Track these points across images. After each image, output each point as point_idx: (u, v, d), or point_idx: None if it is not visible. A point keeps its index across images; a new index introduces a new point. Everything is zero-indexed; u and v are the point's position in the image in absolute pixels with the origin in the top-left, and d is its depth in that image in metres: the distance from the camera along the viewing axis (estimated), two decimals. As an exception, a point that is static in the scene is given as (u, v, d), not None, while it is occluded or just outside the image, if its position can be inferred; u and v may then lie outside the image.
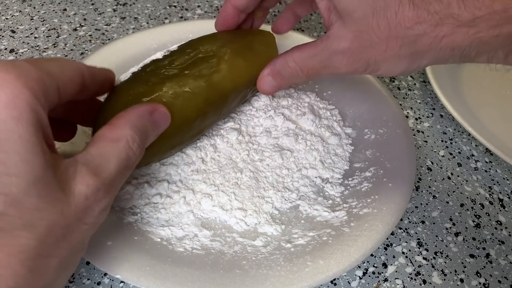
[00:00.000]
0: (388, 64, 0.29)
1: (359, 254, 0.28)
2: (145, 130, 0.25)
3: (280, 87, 0.34)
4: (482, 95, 0.49)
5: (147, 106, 0.27)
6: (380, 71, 0.30)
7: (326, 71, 0.31)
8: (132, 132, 0.24)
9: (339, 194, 0.35)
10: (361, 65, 0.29)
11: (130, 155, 0.24)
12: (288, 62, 0.32)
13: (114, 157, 0.23)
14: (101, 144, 0.23)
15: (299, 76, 0.32)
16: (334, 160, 0.37)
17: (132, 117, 0.25)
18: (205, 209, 0.32)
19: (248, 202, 0.33)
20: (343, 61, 0.30)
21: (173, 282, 0.26)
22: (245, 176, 0.34)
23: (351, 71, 0.30)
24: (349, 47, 0.29)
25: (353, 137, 0.40)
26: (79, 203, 0.21)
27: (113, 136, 0.23)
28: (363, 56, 0.29)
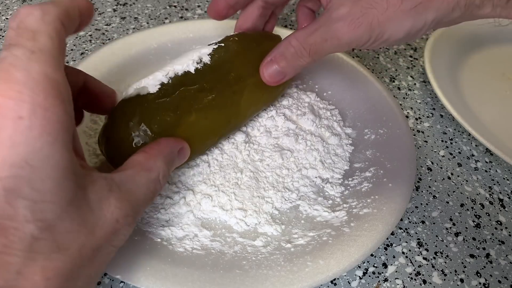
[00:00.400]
0: (392, 25, 0.28)
1: (359, 254, 0.28)
2: (173, 165, 0.27)
3: (284, 73, 0.33)
4: (482, 95, 0.49)
5: (178, 142, 0.28)
6: (385, 36, 0.28)
7: (329, 44, 0.30)
8: (165, 166, 0.25)
9: (339, 194, 0.35)
10: (364, 31, 0.28)
11: (157, 188, 0.25)
12: (291, 42, 0.32)
13: (144, 186, 0.24)
14: (136, 170, 0.24)
15: (302, 55, 0.31)
16: (334, 160, 0.37)
17: (166, 150, 0.26)
18: (205, 209, 0.32)
19: (248, 202, 0.33)
20: (343, 28, 0.29)
21: (173, 282, 0.26)
22: (245, 176, 0.34)
23: (355, 39, 0.29)
24: (348, 11, 0.28)
25: (353, 137, 0.40)
26: (110, 226, 0.21)
27: (148, 165, 0.24)
28: (365, 19, 0.28)
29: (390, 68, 0.52)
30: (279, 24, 0.56)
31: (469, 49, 0.54)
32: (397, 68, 0.52)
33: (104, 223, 0.20)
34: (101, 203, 0.20)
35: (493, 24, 0.29)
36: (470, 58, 0.53)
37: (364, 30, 0.28)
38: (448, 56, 0.51)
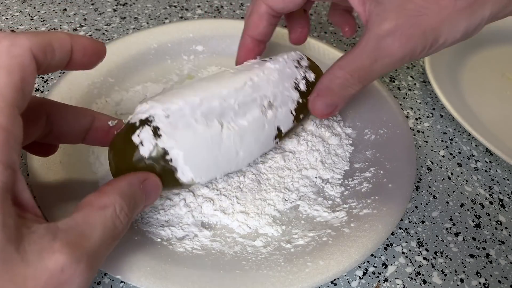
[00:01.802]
0: (447, 27, 0.25)
1: (359, 255, 0.28)
2: (135, 199, 0.24)
3: (334, 104, 0.31)
4: (482, 95, 0.49)
5: (139, 174, 0.25)
6: (441, 40, 0.26)
7: (379, 65, 0.27)
8: (121, 199, 0.22)
9: (339, 195, 0.35)
10: (417, 41, 0.25)
11: (117, 224, 0.22)
12: (336, 73, 0.29)
13: (100, 226, 0.21)
14: (87, 211, 0.21)
15: (350, 83, 0.29)
16: (334, 161, 0.37)
17: (122, 184, 0.24)
18: (206, 213, 0.32)
19: (250, 205, 0.33)
20: (394, 44, 0.26)
21: (173, 282, 0.26)
22: (247, 179, 0.34)
23: (408, 52, 0.26)
24: (395, 24, 0.25)
25: (353, 138, 0.40)
26: (51, 277, 0.18)
27: (100, 203, 0.22)
28: (416, 28, 0.25)
29: (390, 68, 0.52)
30: (280, 25, 0.56)
31: (469, 49, 0.54)
32: (397, 68, 0.52)
33: (42, 275, 0.17)
34: (41, 253, 0.18)
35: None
36: (470, 58, 0.53)
37: (417, 40, 0.26)
38: (448, 56, 0.51)
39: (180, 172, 0.27)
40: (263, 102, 0.31)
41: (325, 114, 0.32)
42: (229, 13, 0.58)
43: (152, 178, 0.26)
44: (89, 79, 0.39)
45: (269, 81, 0.32)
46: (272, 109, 0.32)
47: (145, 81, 0.43)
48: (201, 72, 0.45)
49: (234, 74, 0.31)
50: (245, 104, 0.30)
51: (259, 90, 0.31)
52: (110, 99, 0.40)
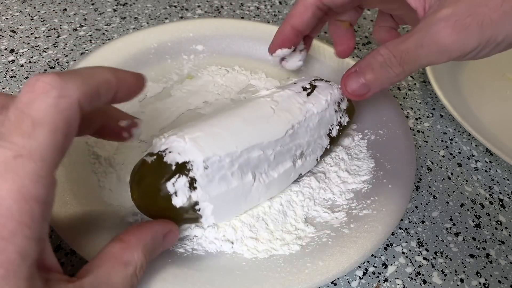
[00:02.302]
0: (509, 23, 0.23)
1: (358, 256, 0.28)
2: (154, 252, 0.25)
3: (369, 87, 0.29)
4: (482, 95, 0.49)
5: (163, 227, 0.25)
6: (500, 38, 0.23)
7: (425, 50, 0.25)
8: (143, 257, 0.23)
9: (338, 195, 0.34)
10: (472, 34, 0.23)
11: (134, 283, 0.22)
12: (380, 50, 0.27)
13: (120, 286, 0.21)
14: (110, 266, 0.21)
15: (392, 64, 0.27)
16: (357, 165, 0.37)
17: (147, 238, 0.24)
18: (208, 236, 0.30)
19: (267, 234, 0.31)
20: (446, 30, 0.24)
21: (173, 283, 0.26)
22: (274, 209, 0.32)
23: (459, 44, 0.24)
24: (452, 11, 0.23)
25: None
26: None
27: (124, 258, 0.22)
28: (473, 19, 0.23)
29: (390, 67, 0.52)
30: (279, 24, 0.56)
31: (469, 48, 0.54)
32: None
33: None
34: None
35: None
36: (471, 57, 0.53)
37: (472, 32, 0.23)
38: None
39: (204, 219, 0.28)
40: (297, 152, 0.32)
41: (356, 94, 0.30)
42: (229, 13, 0.58)
43: (174, 230, 0.26)
44: (89, 79, 0.39)
45: (308, 129, 0.32)
46: (302, 159, 0.32)
47: (145, 81, 0.42)
48: (201, 72, 0.45)
49: (277, 117, 0.30)
50: (281, 154, 0.31)
51: (296, 139, 0.31)
52: (110, 99, 0.40)
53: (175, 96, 0.42)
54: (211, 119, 0.29)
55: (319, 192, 0.34)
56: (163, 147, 0.27)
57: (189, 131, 0.27)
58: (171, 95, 0.42)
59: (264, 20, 0.57)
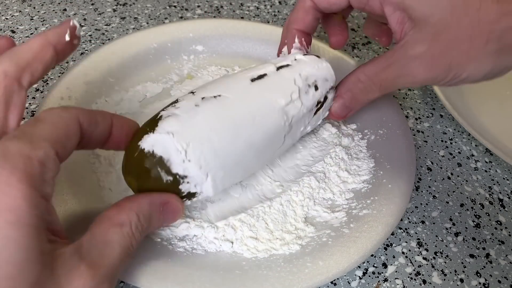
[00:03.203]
0: (473, 66, 0.27)
1: (358, 256, 0.28)
2: (151, 219, 0.25)
3: (351, 107, 0.33)
4: (482, 95, 0.48)
5: (163, 196, 0.26)
6: (463, 76, 0.27)
7: (401, 81, 0.29)
8: (137, 218, 0.23)
9: (338, 195, 0.34)
10: (441, 71, 0.27)
11: (132, 243, 0.23)
12: (359, 77, 0.31)
13: (117, 244, 0.22)
14: (106, 226, 0.22)
15: (372, 90, 0.31)
16: (357, 165, 0.37)
17: (143, 203, 0.24)
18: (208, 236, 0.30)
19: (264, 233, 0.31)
20: (419, 68, 0.28)
21: (173, 282, 0.26)
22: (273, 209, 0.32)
23: (430, 79, 0.28)
24: (426, 50, 0.27)
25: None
26: None
27: (118, 219, 0.22)
28: (444, 60, 0.27)
29: (390, 68, 0.52)
30: (279, 24, 0.56)
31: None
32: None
33: None
34: (70, 276, 0.19)
35: None
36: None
37: (442, 70, 0.27)
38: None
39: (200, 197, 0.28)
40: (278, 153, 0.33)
41: (340, 116, 0.34)
42: (229, 13, 0.58)
43: (174, 202, 0.26)
44: (89, 78, 0.39)
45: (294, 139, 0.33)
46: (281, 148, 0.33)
47: (145, 80, 0.43)
48: (201, 72, 0.45)
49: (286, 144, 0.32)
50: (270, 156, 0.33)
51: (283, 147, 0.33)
52: (110, 98, 0.40)
53: (175, 96, 0.42)
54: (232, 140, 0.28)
55: (319, 192, 0.34)
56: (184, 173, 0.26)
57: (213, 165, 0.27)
58: (171, 95, 0.42)
59: (264, 20, 0.57)
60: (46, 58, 0.23)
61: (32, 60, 0.23)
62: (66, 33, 0.24)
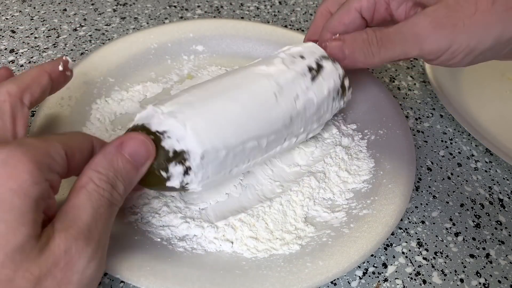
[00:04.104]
0: (480, 30, 0.26)
1: (358, 256, 0.28)
2: (114, 166, 0.24)
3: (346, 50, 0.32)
4: (482, 95, 0.49)
5: (113, 141, 0.25)
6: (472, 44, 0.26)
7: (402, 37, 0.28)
8: (96, 173, 0.23)
9: (338, 195, 0.34)
10: (445, 34, 0.26)
11: (102, 194, 0.23)
12: (367, 30, 0.31)
13: (86, 202, 0.22)
14: (71, 196, 0.22)
15: (372, 43, 0.30)
16: (357, 165, 0.37)
17: (96, 158, 0.24)
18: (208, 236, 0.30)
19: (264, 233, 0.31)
20: (424, 23, 0.27)
21: (173, 282, 0.26)
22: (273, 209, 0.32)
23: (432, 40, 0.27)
24: (434, 9, 0.27)
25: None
26: (57, 261, 0.20)
27: (79, 183, 0.23)
28: (449, 20, 0.26)
29: (390, 68, 0.52)
30: (279, 24, 0.57)
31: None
32: (397, 68, 0.52)
33: (49, 260, 0.20)
34: (47, 243, 0.20)
35: None
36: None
37: (446, 32, 0.27)
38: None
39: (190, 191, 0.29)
40: (287, 137, 0.32)
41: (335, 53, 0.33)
42: (229, 13, 0.58)
43: (129, 137, 0.25)
44: (89, 78, 0.39)
45: (304, 118, 0.32)
46: (291, 140, 0.33)
47: (145, 81, 0.43)
48: (201, 72, 0.45)
49: (278, 106, 0.30)
50: (273, 141, 0.31)
51: (291, 127, 0.32)
52: (110, 98, 0.40)
53: (175, 96, 0.42)
54: (211, 97, 0.29)
55: (319, 192, 0.34)
56: (162, 128, 0.26)
57: (189, 114, 0.27)
58: (171, 96, 0.42)
59: (264, 20, 0.57)
60: (43, 82, 0.28)
61: (31, 83, 0.27)
62: (59, 64, 0.30)
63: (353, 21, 0.34)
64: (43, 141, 0.22)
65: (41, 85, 0.28)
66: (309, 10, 0.61)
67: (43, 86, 0.28)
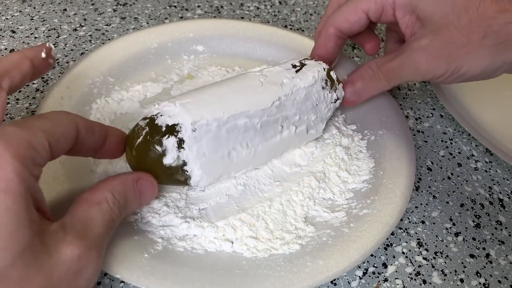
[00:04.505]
0: (470, 60, 0.29)
1: (358, 255, 0.28)
2: (126, 196, 0.26)
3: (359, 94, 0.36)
4: (482, 95, 0.48)
5: (134, 174, 0.27)
6: (463, 70, 0.29)
7: (406, 71, 0.32)
8: (112, 195, 0.24)
9: (338, 195, 0.34)
10: (441, 63, 0.29)
11: (113, 216, 0.24)
12: (371, 65, 0.34)
13: (100, 219, 0.23)
14: (84, 207, 0.23)
15: (379, 78, 0.34)
16: (357, 165, 0.37)
17: (115, 182, 0.25)
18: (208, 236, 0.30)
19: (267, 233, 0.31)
20: (422, 58, 0.30)
21: (173, 282, 0.26)
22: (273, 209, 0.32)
23: (431, 70, 0.30)
24: (429, 43, 0.29)
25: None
26: (71, 265, 0.20)
27: (95, 198, 0.24)
28: (444, 52, 0.29)
29: (390, 68, 0.52)
30: (279, 24, 0.57)
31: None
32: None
33: (64, 264, 0.20)
34: (59, 246, 0.20)
35: None
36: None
37: (442, 62, 0.29)
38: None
39: (193, 181, 0.29)
40: (283, 123, 0.33)
41: (351, 101, 0.37)
42: (229, 13, 0.58)
43: (146, 178, 0.28)
44: (89, 78, 0.39)
45: (294, 102, 0.33)
46: (290, 129, 0.34)
47: (145, 80, 0.43)
48: (201, 72, 0.45)
49: (264, 89, 0.32)
50: (267, 124, 0.32)
51: (283, 111, 0.33)
52: (110, 98, 0.40)
53: (175, 96, 0.42)
54: (202, 88, 0.32)
55: (319, 192, 0.34)
56: (156, 112, 0.29)
57: (180, 97, 0.30)
58: (171, 95, 0.42)
59: (264, 20, 0.57)
60: (23, 68, 0.27)
61: (11, 68, 0.26)
62: (42, 51, 0.29)
63: (359, 21, 0.36)
64: (25, 130, 0.21)
65: (21, 70, 0.27)
66: (309, 10, 0.61)
67: (23, 72, 0.27)
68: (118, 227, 0.29)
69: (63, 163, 0.32)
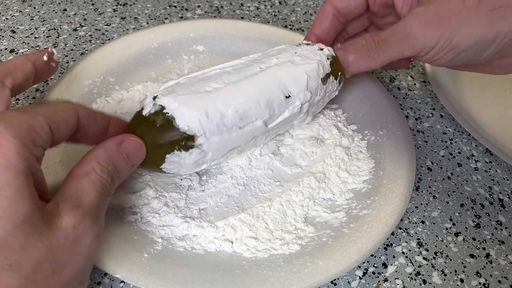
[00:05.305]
0: (463, 28, 0.28)
1: (358, 256, 0.28)
2: (113, 160, 0.25)
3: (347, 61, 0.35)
4: (482, 95, 0.48)
5: (115, 138, 0.27)
6: (456, 40, 0.28)
7: (397, 38, 0.31)
8: (97, 163, 0.24)
9: (338, 195, 0.34)
10: (434, 30, 0.29)
11: (104, 183, 0.24)
12: (365, 36, 0.34)
13: (91, 188, 0.23)
14: (73, 181, 0.23)
15: (371, 47, 0.33)
16: (357, 165, 0.37)
17: (98, 151, 0.25)
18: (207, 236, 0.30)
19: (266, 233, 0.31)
20: (414, 23, 0.29)
21: (173, 282, 0.26)
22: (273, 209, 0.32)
23: (423, 38, 0.29)
24: (423, 9, 0.29)
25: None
26: (68, 234, 0.21)
27: (81, 171, 0.24)
28: (436, 17, 0.28)
29: (390, 68, 0.52)
30: (279, 24, 0.57)
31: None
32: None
33: (61, 233, 0.21)
34: (54, 218, 0.21)
35: None
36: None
37: (434, 30, 0.29)
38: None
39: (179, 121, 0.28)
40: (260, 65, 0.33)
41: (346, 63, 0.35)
42: (229, 13, 0.58)
43: (128, 138, 0.27)
44: (89, 78, 0.39)
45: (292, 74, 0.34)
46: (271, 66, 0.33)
47: (146, 80, 0.43)
48: (201, 72, 0.45)
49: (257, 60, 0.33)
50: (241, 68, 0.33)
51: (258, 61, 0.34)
52: (111, 98, 0.40)
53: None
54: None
55: (319, 192, 0.34)
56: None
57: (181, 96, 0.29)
58: (171, 95, 0.42)
59: (264, 20, 0.57)
60: (26, 69, 0.28)
61: (14, 69, 0.27)
62: (44, 55, 0.30)
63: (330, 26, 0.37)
64: (26, 114, 0.21)
65: (24, 71, 0.28)
66: (309, 10, 0.61)
67: (26, 73, 0.28)
68: (118, 227, 0.29)
69: (63, 163, 0.32)
